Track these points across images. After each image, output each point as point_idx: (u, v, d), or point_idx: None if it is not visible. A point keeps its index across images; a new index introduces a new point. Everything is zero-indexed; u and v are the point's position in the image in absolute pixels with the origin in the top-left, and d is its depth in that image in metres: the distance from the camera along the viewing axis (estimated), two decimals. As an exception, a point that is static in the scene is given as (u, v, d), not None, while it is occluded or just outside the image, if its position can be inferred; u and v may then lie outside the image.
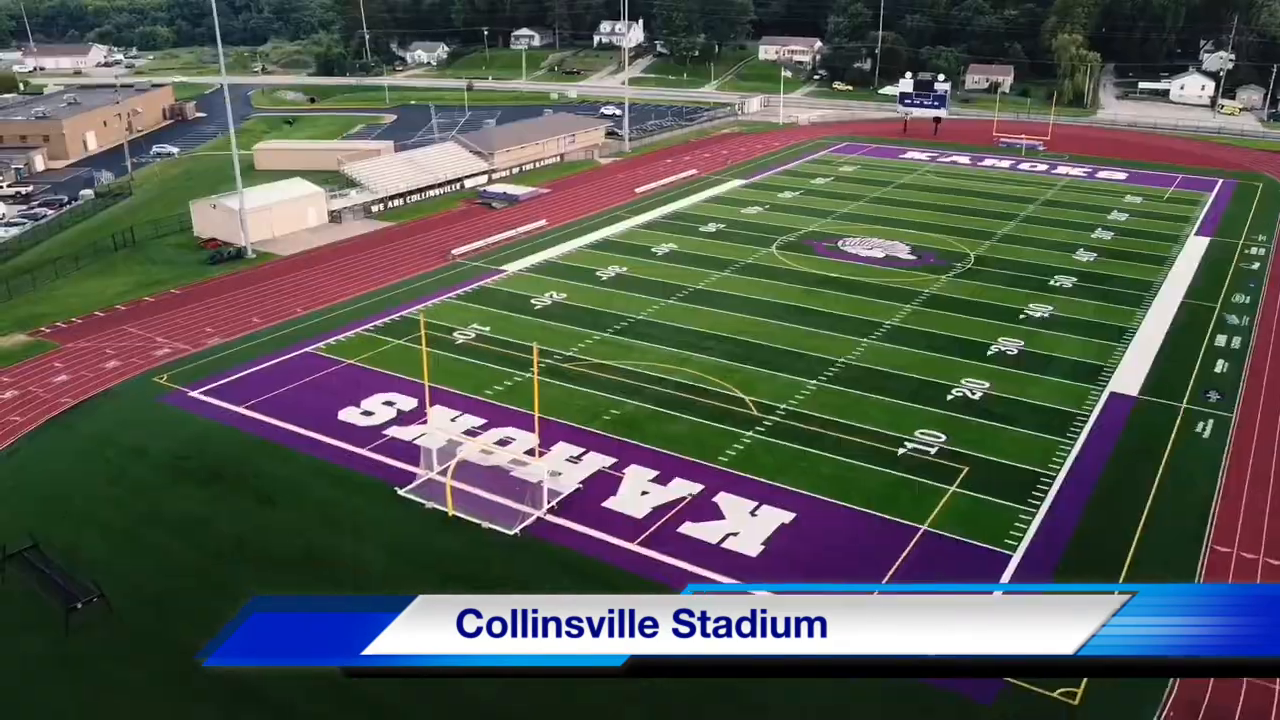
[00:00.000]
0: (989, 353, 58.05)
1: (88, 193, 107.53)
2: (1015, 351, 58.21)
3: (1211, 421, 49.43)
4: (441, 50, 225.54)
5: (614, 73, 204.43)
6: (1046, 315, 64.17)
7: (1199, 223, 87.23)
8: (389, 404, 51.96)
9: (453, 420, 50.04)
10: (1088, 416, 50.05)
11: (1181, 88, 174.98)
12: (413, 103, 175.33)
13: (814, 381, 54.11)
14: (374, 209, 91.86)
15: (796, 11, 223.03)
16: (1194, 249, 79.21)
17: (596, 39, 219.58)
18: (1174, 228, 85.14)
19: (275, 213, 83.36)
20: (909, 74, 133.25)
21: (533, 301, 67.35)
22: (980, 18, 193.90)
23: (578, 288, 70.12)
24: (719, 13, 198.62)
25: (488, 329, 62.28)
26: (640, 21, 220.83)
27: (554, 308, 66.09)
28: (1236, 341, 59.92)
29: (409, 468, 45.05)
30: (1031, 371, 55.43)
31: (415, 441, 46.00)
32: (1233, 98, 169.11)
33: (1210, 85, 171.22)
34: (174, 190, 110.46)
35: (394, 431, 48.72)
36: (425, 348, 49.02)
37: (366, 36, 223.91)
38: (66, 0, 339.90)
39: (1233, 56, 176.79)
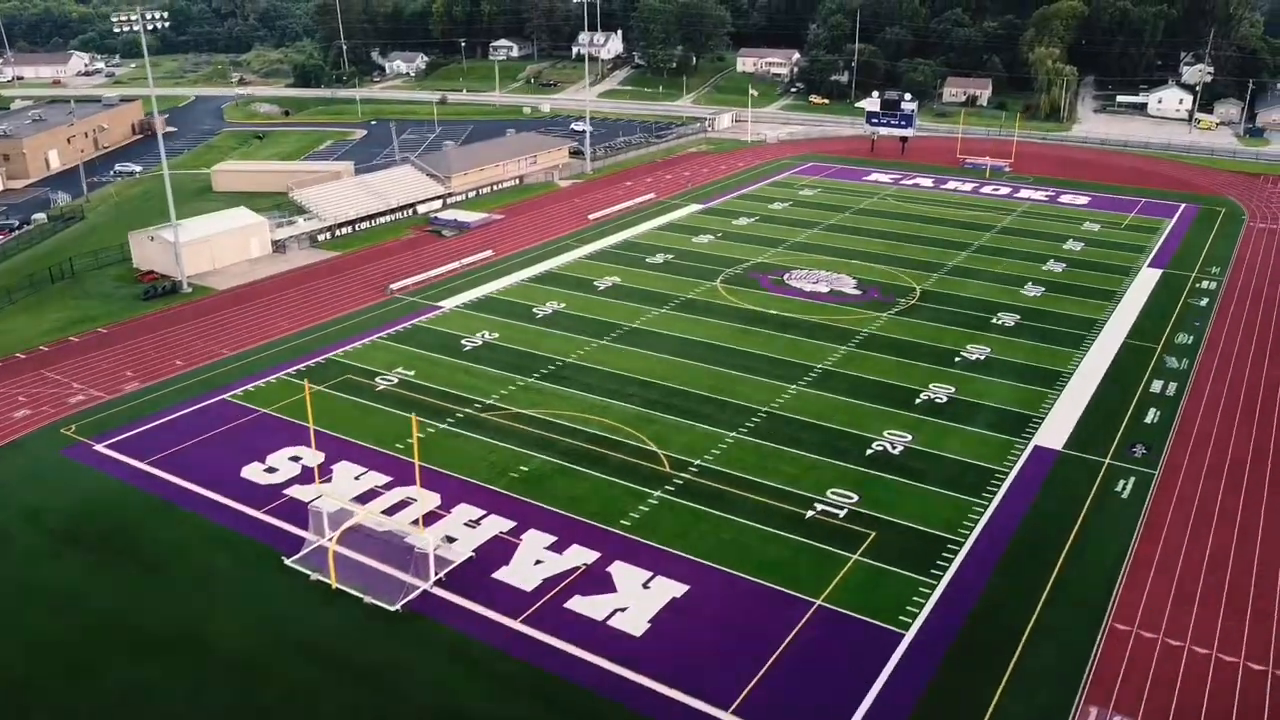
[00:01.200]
0: (917, 401, 56.92)
1: (40, 217, 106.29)
2: (944, 399, 57.07)
3: (1133, 480, 48.30)
4: (420, 61, 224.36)
5: (591, 84, 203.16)
6: (982, 358, 63.03)
7: (1154, 253, 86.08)
8: (295, 459, 50.83)
9: (356, 478, 48.95)
10: (1007, 473, 48.94)
11: (1159, 101, 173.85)
12: (375, 122, 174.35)
13: (733, 434, 52.98)
14: (321, 237, 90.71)
15: (777, 22, 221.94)
16: (1145, 282, 78.07)
17: (575, 50, 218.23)
18: (1127, 259, 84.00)
19: (215, 244, 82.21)
20: (876, 93, 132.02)
21: (464, 342, 66.22)
22: (959, 30, 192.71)
23: (511, 327, 68.99)
24: (696, 24, 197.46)
25: (412, 373, 61.15)
26: (619, 32, 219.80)
27: (483, 350, 64.94)
28: (1172, 388, 58.75)
29: (301, 533, 43.92)
30: (957, 422, 54.30)
31: (310, 504, 44.76)
32: (1210, 112, 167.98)
33: (1188, 99, 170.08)
34: (130, 213, 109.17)
35: (294, 491, 47.56)
36: (311, 397, 47.90)
37: (344, 47, 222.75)
38: (50, 7, 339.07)
39: (1211, 70, 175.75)
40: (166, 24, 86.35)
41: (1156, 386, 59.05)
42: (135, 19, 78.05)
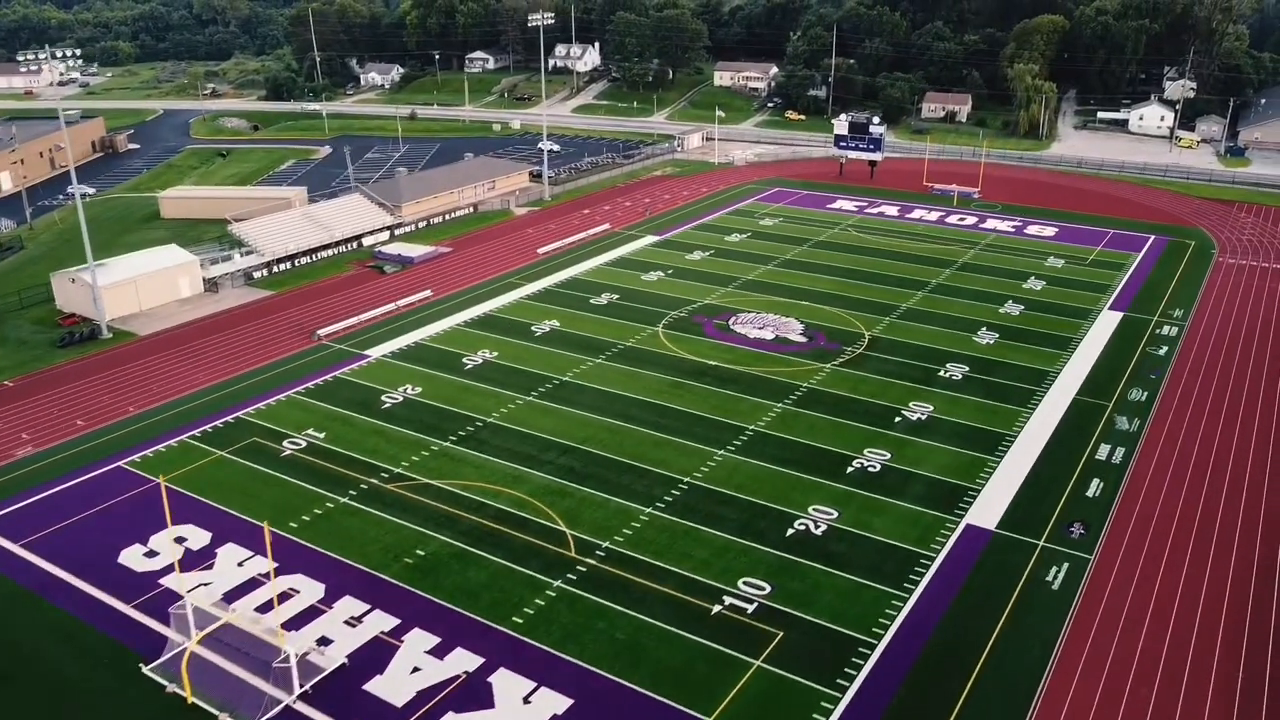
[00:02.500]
0: (849, 469, 53.98)
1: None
2: (878, 468, 54.11)
3: (1066, 567, 45.33)
4: (395, 73, 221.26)
5: (566, 98, 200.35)
6: (924, 418, 60.08)
7: (1116, 292, 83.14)
8: (180, 540, 47.80)
9: (240, 564, 45.95)
10: (934, 559, 45.97)
11: (1140, 118, 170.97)
12: (346, 150, 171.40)
13: (648, 510, 50.00)
14: (258, 274, 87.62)
15: (757, 33, 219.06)
16: (1103, 327, 75.13)
17: (551, 62, 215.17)
18: (1089, 300, 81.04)
19: (141, 285, 79.14)
20: (844, 115, 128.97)
21: (384, 399, 63.21)
22: (940, 44, 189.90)
23: (436, 380, 65.99)
24: (672, 38, 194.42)
25: (322, 436, 58.14)
26: (596, 45, 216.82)
27: (402, 408, 61.92)
28: (1119, 454, 55.79)
29: (168, 632, 40.88)
30: (888, 495, 51.33)
31: (173, 607, 41.64)
32: (1192, 129, 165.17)
33: (1169, 116, 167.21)
34: (73, 242, 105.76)
35: (170, 580, 44.48)
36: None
37: (318, 59, 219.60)
38: (29, 14, 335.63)
39: (1193, 85, 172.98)
40: (78, 61, 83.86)
41: (1103, 452, 56.08)
42: (47, 56, 75.15)
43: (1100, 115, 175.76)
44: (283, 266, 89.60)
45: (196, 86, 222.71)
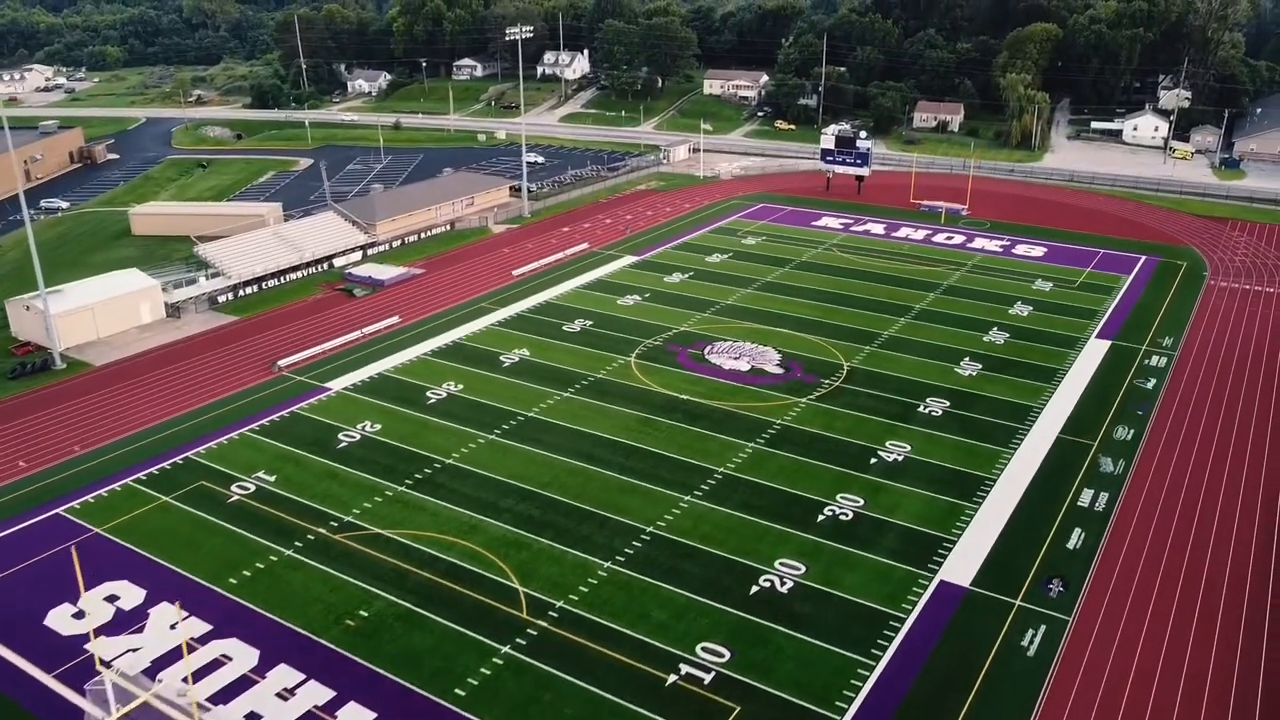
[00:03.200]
0: (820, 518, 51.66)
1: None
2: (850, 516, 51.79)
3: (1043, 630, 43.02)
4: (383, 79, 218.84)
5: (554, 107, 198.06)
6: (901, 458, 57.76)
7: (1105, 318, 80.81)
8: (112, 598, 45.47)
9: (172, 627, 43.52)
10: (904, 620, 43.67)
11: (1134, 129, 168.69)
12: (325, 164, 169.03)
13: (607, 564, 47.68)
14: (223, 298, 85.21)
15: (748, 41, 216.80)
16: (1090, 357, 72.82)
17: (540, 70, 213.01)
18: (1076, 328, 78.70)
19: (99, 311, 76.76)
20: (832, 128, 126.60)
21: (340, 437, 60.85)
22: (932, 52, 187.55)
23: (397, 416, 63.63)
24: (661, 46, 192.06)
25: (273, 479, 55.78)
26: (585, 52, 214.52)
27: (359, 447, 59.55)
28: (1103, 500, 53.47)
29: (86, 706, 38.43)
30: (860, 547, 49.01)
31: (105, 665, 39.27)
32: (1186, 139, 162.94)
33: (1164, 126, 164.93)
34: (43, 260, 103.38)
35: (98, 645, 41.88)
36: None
37: (304, 66, 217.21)
38: (18, 18, 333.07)
39: (1188, 95, 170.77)
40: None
41: (1086, 498, 53.78)
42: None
43: (1094, 125, 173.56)
44: (250, 290, 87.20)
45: (182, 93, 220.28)
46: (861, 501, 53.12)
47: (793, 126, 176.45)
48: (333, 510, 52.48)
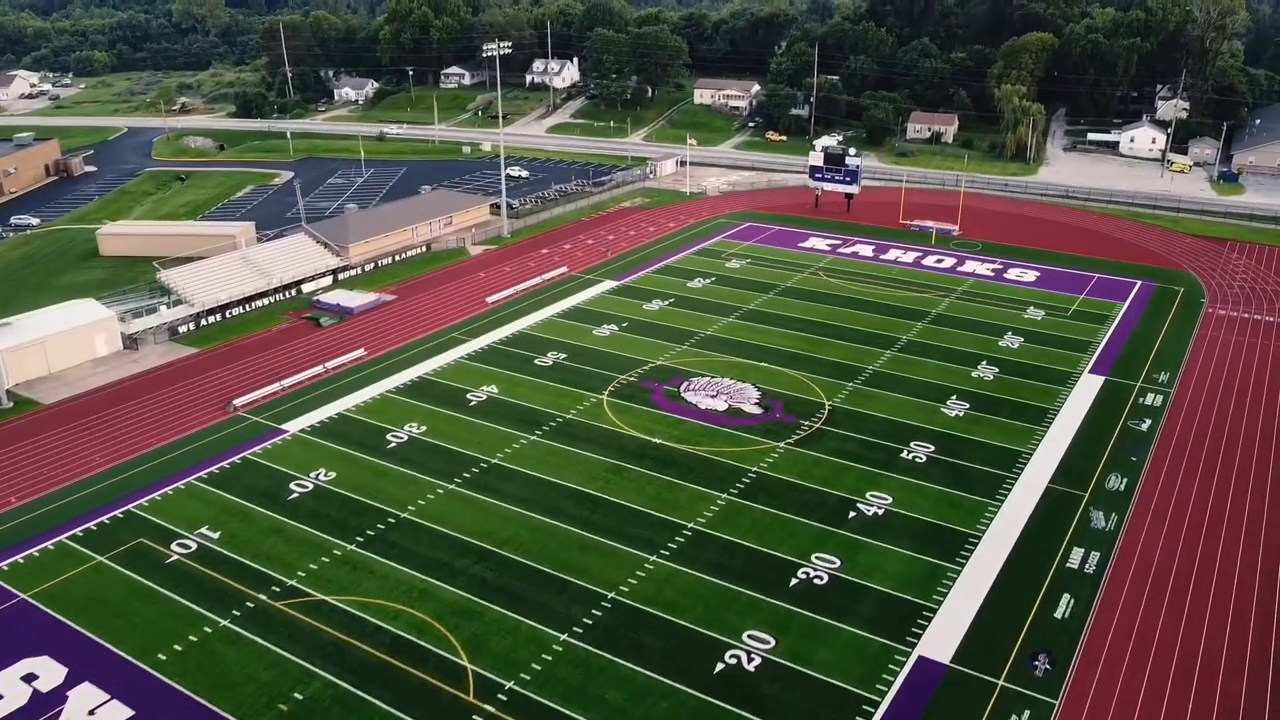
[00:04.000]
0: (793, 582, 48.66)
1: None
2: (825, 579, 48.77)
3: (1028, 715, 39.95)
4: (370, 88, 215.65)
5: (542, 116, 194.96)
6: (881, 512, 54.75)
7: (1098, 351, 77.72)
8: (30, 678, 42.42)
9: (91, 713, 40.47)
10: (878, 705, 40.60)
11: (1131, 140, 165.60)
12: (297, 177, 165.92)
13: (563, 636, 44.68)
14: (184, 329, 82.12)
15: (741, 49, 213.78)
16: (1083, 395, 69.78)
17: (529, 78, 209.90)
18: (1068, 362, 75.62)
19: (51, 345, 73.70)
20: (819, 144, 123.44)
21: (292, 486, 57.82)
22: (926, 61, 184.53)
23: (353, 462, 60.61)
24: (651, 55, 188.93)
25: (216, 536, 52.76)
26: (574, 61, 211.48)
27: (310, 498, 56.50)
28: (1093, 561, 50.44)
29: (-12, 810, 35.46)
30: (834, 617, 45.98)
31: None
32: (1184, 152, 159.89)
33: (1161, 138, 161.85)
34: (7, 283, 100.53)
35: (7, 734, 39.09)
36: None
37: (289, 74, 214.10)
38: (4, 22, 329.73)
39: (1186, 106, 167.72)
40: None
41: (1076, 557, 50.76)
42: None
43: (1090, 137, 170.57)
44: (213, 319, 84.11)
45: (165, 102, 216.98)
46: (838, 562, 50.10)
47: (784, 138, 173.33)
48: (276, 573, 49.44)
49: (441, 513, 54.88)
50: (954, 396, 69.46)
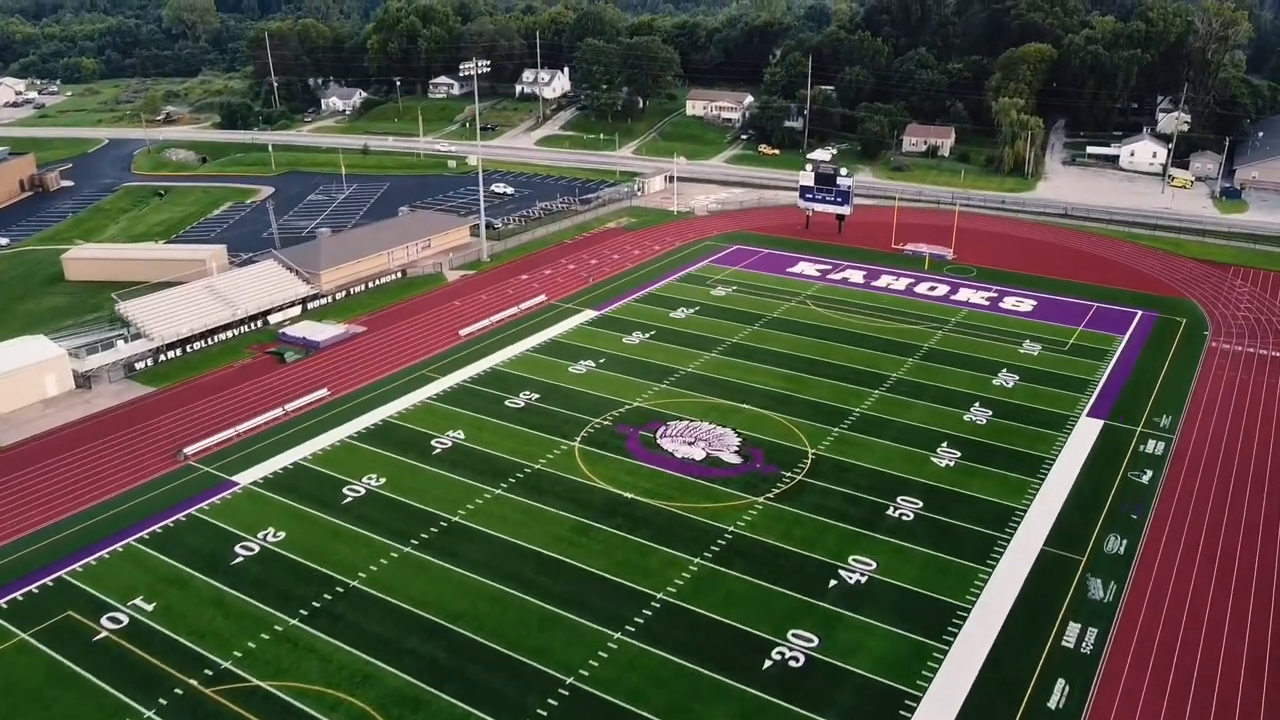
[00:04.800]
0: (766, 663, 45.14)
1: None
2: (801, 661, 45.27)
3: (1016, 829, 36.45)
4: (357, 98, 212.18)
5: (532, 128, 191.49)
6: (864, 580, 51.23)
7: (1097, 392, 74.14)
8: (-71, 782, 38.81)
9: (-9, 825, 36.93)
10: (854, 814, 37.00)
11: (1132, 154, 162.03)
12: (267, 190, 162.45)
13: (514, 733, 41.08)
14: (142, 365, 78.60)
15: (735, 59, 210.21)
16: (1080, 442, 66.22)
17: (519, 88, 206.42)
18: (1065, 403, 72.04)
19: (-3, 386, 70.16)
20: (808, 166, 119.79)
21: (237, 549, 54.30)
22: (923, 71, 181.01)
23: (304, 520, 57.10)
24: (642, 66, 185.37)
25: (151, 608, 49.29)
26: (565, 70, 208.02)
27: (255, 563, 52.99)
28: (1090, 638, 46.93)
29: None
30: (810, 708, 42.57)
31: None
32: (1186, 166, 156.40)
33: (1162, 152, 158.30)
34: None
35: None
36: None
37: (275, 84, 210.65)
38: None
39: (1188, 118, 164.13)
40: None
41: (1072, 634, 47.27)
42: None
43: (1090, 150, 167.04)
44: (173, 354, 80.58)
45: (149, 112, 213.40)
46: (816, 641, 46.57)
47: (777, 151, 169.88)
48: (211, 653, 45.91)
49: (394, 580, 51.35)
50: (944, 444, 65.90)
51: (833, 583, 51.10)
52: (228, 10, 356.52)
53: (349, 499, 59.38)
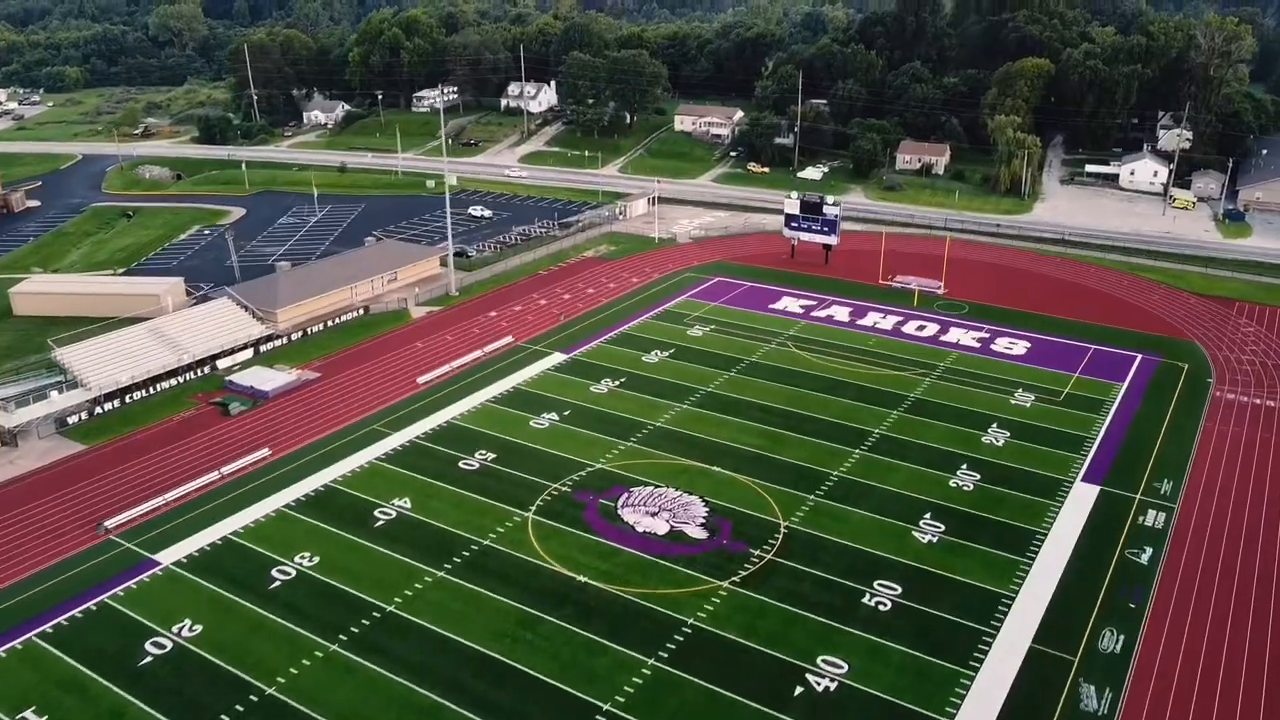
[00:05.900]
0: (719, 797, 40.14)
1: None
2: (758, 794, 40.31)
3: None
4: (340, 111, 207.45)
5: (516, 144, 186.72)
6: (833, 687, 46.41)
7: (1093, 451, 69.24)
8: None
9: None
10: None
11: (1132, 173, 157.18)
12: (239, 211, 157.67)
13: None
14: (75, 418, 73.80)
15: (726, 72, 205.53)
16: (1075, 512, 61.39)
17: (504, 102, 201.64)
18: (1059, 465, 67.16)
19: (-89, 447, 65.31)
20: (794, 193, 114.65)
21: (147, 646, 49.53)
22: (918, 86, 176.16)
23: (227, 609, 52.36)
24: (630, 80, 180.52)
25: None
26: (551, 84, 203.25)
27: (163, 665, 48.18)
28: (1082, 762, 42.05)
29: None
30: None
31: None
32: (1188, 186, 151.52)
33: (1163, 171, 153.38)
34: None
35: None
36: None
37: (254, 96, 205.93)
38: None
39: (1189, 136, 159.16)
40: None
41: (1062, 757, 42.33)
42: None
43: (1089, 169, 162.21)
44: (110, 405, 75.80)
45: (126, 126, 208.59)
46: (775, 767, 41.66)
47: (767, 169, 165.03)
48: (100, 781, 41.03)
49: (315, 687, 46.54)
50: (928, 514, 61.06)
51: (799, 689, 46.29)
52: (217, 17, 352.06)
53: (276, 583, 54.59)
